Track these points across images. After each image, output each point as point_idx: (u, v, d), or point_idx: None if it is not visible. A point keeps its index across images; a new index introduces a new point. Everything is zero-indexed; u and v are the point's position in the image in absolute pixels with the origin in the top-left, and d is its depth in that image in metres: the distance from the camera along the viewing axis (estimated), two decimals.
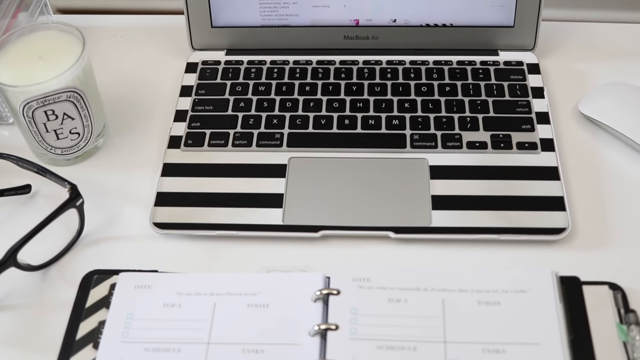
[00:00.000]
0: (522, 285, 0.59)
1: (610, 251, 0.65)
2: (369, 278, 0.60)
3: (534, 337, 0.57)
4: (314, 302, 0.59)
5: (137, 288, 0.62)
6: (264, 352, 0.57)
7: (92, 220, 0.68)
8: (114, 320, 0.60)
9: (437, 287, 0.59)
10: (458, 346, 0.56)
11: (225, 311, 0.60)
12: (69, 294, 0.63)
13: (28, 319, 0.62)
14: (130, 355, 0.58)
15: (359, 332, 0.57)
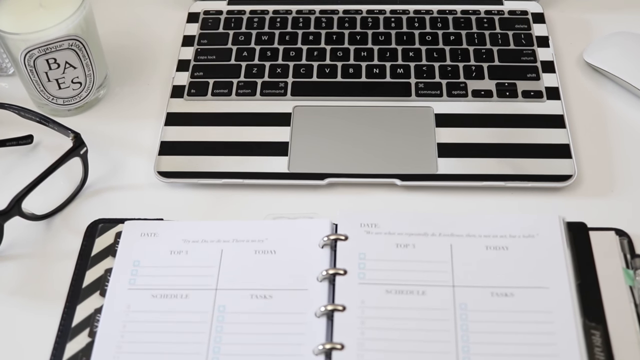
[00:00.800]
0: (530, 231, 0.59)
1: (616, 198, 0.65)
2: (376, 224, 0.60)
3: (542, 281, 0.57)
4: (322, 248, 0.59)
5: (143, 236, 0.61)
6: (272, 297, 0.57)
7: (96, 171, 0.68)
8: (121, 267, 0.60)
9: (445, 233, 0.59)
10: (467, 290, 0.56)
11: (233, 258, 0.59)
12: (74, 243, 0.63)
13: (34, 268, 0.62)
14: (138, 301, 0.58)
15: (367, 277, 0.57)
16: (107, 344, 0.56)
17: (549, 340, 0.54)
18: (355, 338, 0.54)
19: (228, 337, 0.55)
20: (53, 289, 0.61)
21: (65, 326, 0.58)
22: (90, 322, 0.58)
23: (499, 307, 0.55)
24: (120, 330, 0.56)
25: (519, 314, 0.55)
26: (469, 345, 0.54)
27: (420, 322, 0.55)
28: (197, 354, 0.55)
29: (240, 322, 0.56)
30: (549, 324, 0.55)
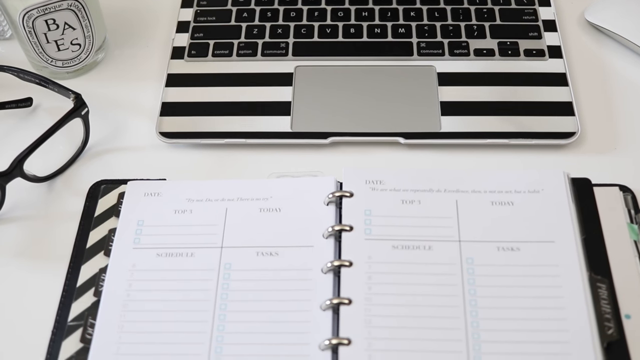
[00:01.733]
0: (535, 186, 0.59)
1: (619, 155, 0.65)
2: (381, 180, 0.60)
3: (548, 236, 0.57)
4: (327, 206, 0.59)
5: (147, 196, 0.61)
6: (278, 254, 0.57)
7: (97, 133, 0.67)
8: (125, 227, 0.59)
9: (450, 189, 0.59)
10: (473, 245, 0.56)
11: (238, 216, 0.59)
12: (77, 204, 0.63)
13: (37, 230, 0.62)
14: (143, 260, 0.58)
15: (373, 233, 0.57)
16: (113, 302, 0.56)
17: (555, 293, 0.54)
18: (363, 293, 0.54)
19: (235, 294, 0.55)
20: (57, 250, 0.60)
21: (70, 286, 0.58)
22: (95, 281, 0.58)
23: (506, 261, 0.55)
24: (126, 289, 0.56)
25: (525, 267, 0.55)
26: (476, 299, 0.54)
27: (427, 276, 0.55)
28: (204, 311, 0.55)
29: (247, 279, 0.56)
30: (556, 277, 0.55)
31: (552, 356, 0.51)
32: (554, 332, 0.52)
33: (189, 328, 0.54)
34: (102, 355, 0.53)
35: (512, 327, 0.53)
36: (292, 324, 0.54)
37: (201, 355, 0.53)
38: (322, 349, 0.52)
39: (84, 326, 0.55)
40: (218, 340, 0.53)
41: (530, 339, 0.52)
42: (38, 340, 0.56)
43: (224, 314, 0.54)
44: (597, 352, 0.52)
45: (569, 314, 0.53)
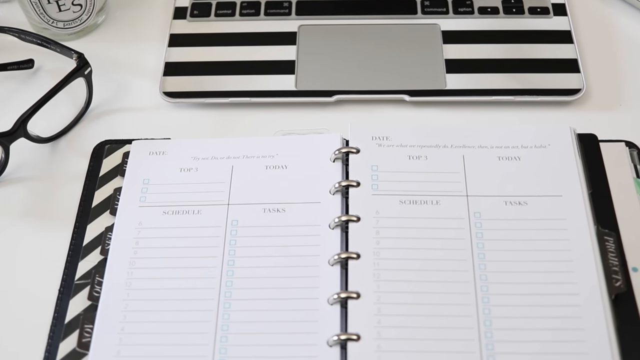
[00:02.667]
0: (542, 141, 0.59)
1: (624, 111, 0.65)
2: (387, 136, 0.59)
3: (555, 190, 0.57)
4: (333, 162, 0.59)
5: (152, 154, 0.61)
6: (285, 211, 0.57)
7: (99, 94, 0.66)
8: (130, 186, 0.59)
9: (456, 144, 0.59)
10: (481, 199, 0.56)
11: (244, 173, 0.59)
12: (81, 165, 0.62)
13: (42, 190, 0.62)
14: (149, 218, 0.57)
15: (380, 188, 0.57)
16: (120, 260, 0.55)
17: (563, 246, 0.54)
18: (371, 247, 0.54)
19: (242, 250, 0.55)
20: (62, 211, 0.60)
21: (77, 245, 0.58)
22: (101, 240, 0.57)
23: (513, 215, 0.55)
24: (133, 247, 0.56)
25: (533, 221, 0.55)
26: (485, 253, 0.54)
27: (435, 230, 0.55)
28: (211, 267, 0.55)
29: (254, 235, 0.56)
30: (563, 230, 0.55)
31: (560, 308, 0.51)
32: (562, 285, 0.52)
33: (197, 284, 0.54)
34: (111, 311, 0.53)
35: (520, 280, 0.53)
36: (300, 279, 0.54)
37: (210, 311, 0.53)
38: (331, 304, 0.52)
39: (91, 284, 0.55)
40: (226, 295, 0.53)
41: (539, 291, 0.52)
42: (46, 299, 0.56)
43: (232, 269, 0.54)
44: (606, 303, 0.52)
45: (577, 266, 0.53)
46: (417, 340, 0.50)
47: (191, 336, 0.52)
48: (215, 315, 0.53)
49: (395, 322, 0.51)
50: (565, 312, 0.51)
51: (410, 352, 0.50)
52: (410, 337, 0.51)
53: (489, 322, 0.51)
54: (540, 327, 0.51)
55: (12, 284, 0.57)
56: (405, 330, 0.51)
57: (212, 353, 0.51)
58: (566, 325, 0.51)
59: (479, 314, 0.51)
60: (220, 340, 0.52)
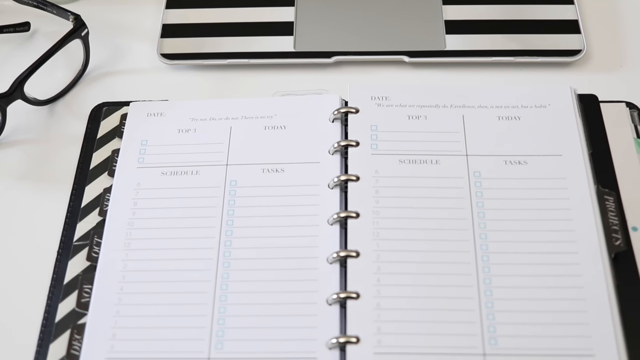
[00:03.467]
0: (542, 101, 0.59)
1: (625, 72, 0.64)
2: (387, 96, 0.59)
3: (555, 149, 0.56)
4: (332, 123, 0.59)
5: (150, 116, 0.60)
6: (284, 171, 0.57)
7: (96, 56, 0.66)
8: (128, 147, 0.59)
9: (456, 104, 0.59)
10: (480, 159, 0.56)
11: (242, 134, 0.59)
12: (79, 127, 0.62)
13: (39, 153, 0.61)
14: (148, 179, 0.57)
15: (380, 148, 0.56)
16: (119, 221, 0.55)
17: (563, 205, 0.54)
18: (370, 207, 0.54)
19: (241, 211, 0.55)
20: (60, 173, 0.60)
21: (75, 207, 0.58)
22: (100, 201, 0.57)
23: (513, 174, 0.55)
24: (131, 208, 0.56)
25: (533, 180, 0.55)
26: (484, 212, 0.54)
27: (435, 190, 0.55)
28: (210, 227, 0.54)
29: (253, 195, 0.56)
30: (563, 189, 0.54)
31: (560, 266, 0.51)
32: (562, 244, 0.52)
33: (196, 244, 0.54)
34: (109, 272, 0.53)
35: (520, 239, 0.53)
36: (299, 239, 0.53)
37: (209, 270, 0.53)
38: (330, 262, 0.52)
39: (89, 245, 0.55)
40: (225, 255, 0.53)
41: (538, 250, 0.52)
42: (45, 260, 0.55)
43: (231, 229, 0.54)
44: (605, 262, 0.52)
45: (577, 225, 0.53)
46: (416, 298, 0.50)
47: (190, 295, 0.52)
48: (214, 275, 0.52)
49: (395, 281, 0.51)
50: (565, 271, 0.51)
51: (410, 309, 0.50)
52: (410, 295, 0.50)
53: (489, 280, 0.51)
54: (540, 285, 0.51)
55: (10, 246, 0.57)
56: (404, 289, 0.51)
57: (211, 312, 0.51)
58: (566, 284, 0.51)
59: (478, 273, 0.51)
60: (220, 299, 0.52)
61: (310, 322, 0.50)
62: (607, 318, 0.49)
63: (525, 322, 0.49)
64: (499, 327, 0.49)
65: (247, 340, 0.50)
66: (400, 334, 0.49)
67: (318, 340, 0.50)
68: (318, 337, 0.50)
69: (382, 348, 0.49)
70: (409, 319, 0.50)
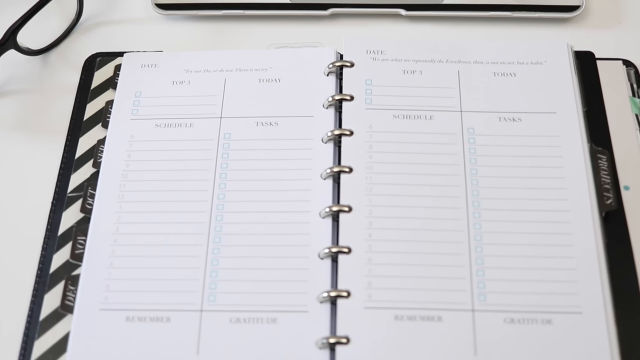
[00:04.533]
0: (538, 58, 0.58)
1: (623, 29, 0.64)
2: (382, 50, 0.59)
3: (550, 107, 0.56)
4: (327, 76, 0.58)
5: (144, 67, 0.60)
6: (278, 124, 0.57)
7: (90, 6, 0.65)
8: (122, 98, 0.59)
9: (452, 59, 0.58)
10: (474, 115, 0.56)
11: (236, 86, 0.58)
12: (72, 78, 0.62)
13: (33, 103, 0.61)
14: (141, 131, 0.57)
15: (374, 102, 0.56)
16: (113, 172, 0.55)
17: (556, 164, 0.54)
18: (364, 162, 0.54)
19: (235, 164, 0.55)
20: (54, 124, 0.60)
21: (69, 158, 0.58)
22: (93, 153, 0.57)
23: (507, 131, 0.55)
24: (125, 160, 0.56)
25: (527, 137, 0.55)
26: (477, 168, 0.54)
27: (429, 145, 0.55)
28: (204, 181, 0.54)
29: (247, 148, 0.56)
30: (557, 147, 0.55)
31: (550, 224, 0.52)
32: (553, 202, 0.52)
33: (189, 197, 0.54)
34: (103, 223, 0.53)
35: (511, 196, 0.53)
36: (292, 192, 0.54)
37: (202, 223, 0.53)
38: (323, 217, 0.53)
39: (83, 197, 0.55)
40: (218, 208, 0.53)
41: (530, 207, 0.52)
42: (39, 211, 0.56)
43: (224, 182, 0.54)
44: (596, 220, 0.52)
45: (569, 183, 0.53)
46: (407, 254, 0.51)
47: (184, 248, 0.52)
48: (207, 228, 0.53)
49: (386, 236, 0.51)
50: (556, 229, 0.51)
51: (400, 265, 0.50)
52: (401, 250, 0.51)
53: (480, 237, 0.51)
54: (530, 242, 0.51)
55: (4, 197, 0.57)
56: (396, 244, 0.51)
57: (204, 264, 0.52)
58: (556, 242, 0.51)
59: (470, 229, 0.52)
60: (213, 252, 0.52)
61: (302, 276, 0.51)
62: (596, 276, 0.50)
63: (515, 279, 0.50)
64: (488, 283, 0.50)
65: (239, 293, 0.51)
66: (390, 288, 0.50)
67: (309, 293, 0.50)
68: (309, 291, 0.50)
69: (372, 302, 0.49)
70: (400, 274, 0.50)
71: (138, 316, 0.50)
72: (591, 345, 0.48)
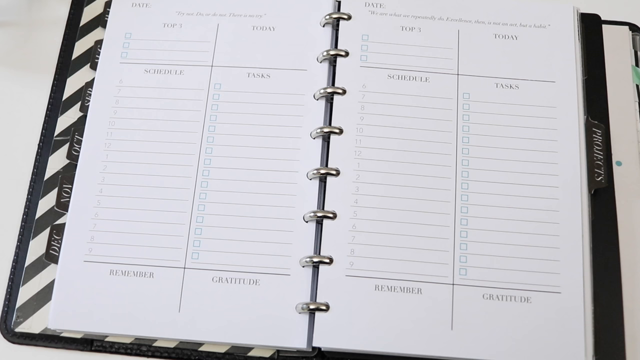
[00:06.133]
0: (542, 20, 0.56)
1: None
2: (382, 3, 0.56)
3: (549, 75, 0.55)
4: (323, 27, 0.56)
5: (135, 6, 0.58)
6: (269, 77, 0.55)
7: None
8: (112, 39, 0.57)
9: (453, 17, 0.56)
10: (471, 79, 0.54)
11: (229, 33, 0.57)
12: (61, 10, 0.60)
13: (20, 36, 0.59)
14: (130, 76, 0.56)
15: (369, 60, 0.55)
16: (100, 119, 0.54)
17: (550, 136, 0.53)
18: (354, 123, 0.53)
19: (223, 117, 0.54)
20: (41, 60, 0.58)
21: (56, 99, 0.57)
22: (81, 95, 0.56)
23: (503, 99, 0.54)
24: (113, 106, 0.55)
25: (522, 107, 0.54)
26: (469, 136, 0.53)
27: (422, 110, 0.54)
28: (192, 133, 0.54)
29: (236, 101, 0.55)
30: (552, 119, 0.53)
31: (539, 200, 0.51)
32: (543, 177, 0.52)
33: (177, 149, 0.53)
34: (89, 172, 0.53)
35: (501, 168, 0.52)
36: (280, 151, 0.53)
37: (188, 178, 0.53)
38: (310, 178, 0.52)
39: (70, 142, 0.55)
40: (205, 163, 0.53)
41: (519, 181, 0.52)
42: (25, 153, 0.55)
43: (212, 136, 0.54)
44: (584, 199, 0.51)
45: (561, 158, 0.52)
46: (392, 223, 0.51)
47: (169, 202, 0.52)
48: (193, 183, 0.52)
49: (372, 203, 0.51)
50: (543, 205, 0.51)
51: (384, 234, 0.50)
52: (385, 219, 0.51)
53: (466, 209, 0.51)
54: (516, 218, 0.51)
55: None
56: (381, 212, 0.51)
57: (188, 221, 0.52)
58: (542, 219, 0.51)
59: (456, 201, 0.51)
60: (198, 208, 0.52)
61: (286, 238, 0.51)
62: (578, 257, 0.50)
63: (497, 255, 0.50)
64: (470, 257, 0.50)
65: (222, 253, 0.51)
66: (372, 258, 0.50)
67: (292, 257, 0.51)
68: (293, 254, 0.51)
69: (353, 271, 0.50)
70: (383, 244, 0.50)
71: (122, 270, 0.51)
72: (567, 325, 0.48)
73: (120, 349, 0.50)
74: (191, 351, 0.50)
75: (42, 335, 0.51)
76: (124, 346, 0.50)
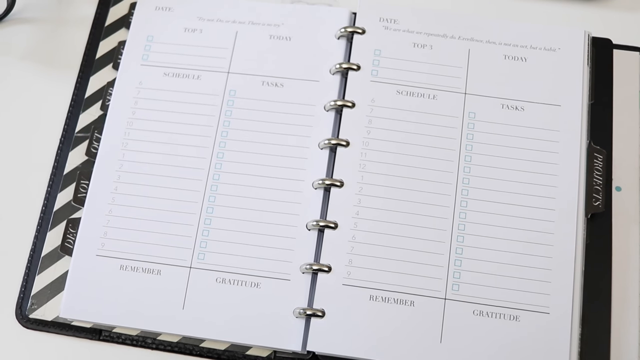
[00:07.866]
0: (552, 44, 0.57)
1: None
2: (396, 19, 0.58)
3: (555, 98, 0.56)
4: (338, 40, 0.58)
5: (158, 10, 0.60)
6: (283, 86, 0.57)
7: None
8: (134, 41, 0.59)
9: (464, 36, 0.58)
10: (478, 99, 0.56)
11: (247, 41, 0.58)
12: (88, 10, 0.62)
13: (47, 33, 0.62)
14: (150, 78, 0.58)
15: (380, 75, 0.56)
16: (118, 119, 0.57)
17: (551, 160, 0.54)
18: (361, 136, 0.55)
19: (236, 123, 0.56)
20: (66, 57, 0.61)
21: (79, 96, 0.59)
22: (102, 94, 0.59)
23: (508, 120, 0.55)
24: (132, 107, 0.57)
25: (526, 129, 0.55)
26: (472, 155, 0.54)
27: (428, 127, 0.55)
28: (205, 137, 0.56)
29: (250, 108, 0.57)
30: (555, 143, 0.55)
31: (535, 222, 0.53)
32: (541, 199, 0.53)
33: (190, 152, 0.56)
34: (106, 170, 0.55)
35: (501, 188, 0.54)
36: (289, 159, 0.55)
37: (199, 181, 0.55)
38: (315, 188, 0.54)
39: (90, 139, 0.57)
40: (216, 167, 0.55)
41: (517, 202, 0.53)
42: (46, 147, 0.58)
43: (224, 141, 0.56)
44: (580, 223, 0.53)
45: (560, 182, 0.54)
46: (391, 236, 0.53)
47: (180, 203, 0.54)
48: (203, 186, 0.55)
49: (373, 216, 0.53)
50: (539, 227, 0.53)
51: (383, 246, 0.52)
52: (385, 231, 0.53)
53: (463, 226, 0.53)
54: (511, 238, 0.52)
55: (14, 126, 0.59)
56: (381, 225, 0.53)
57: (197, 222, 0.54)
58: (537, 240, 0.52)
59: (454, 217, 0.53)
60: (207, 211, 0.54)
61: (288, 245, 0.53)
62: (569, 280, 0.51)
63: (489, 273, 0.52)
64: (464, 274, 0.52)
65: (227, 255, 0.53)
66: (369, 269, 0.52)
67: (293, 263, 0.53)
68: (294, 260, 0.53)
69: (350, 280, 0.52)
70: (380, 256, 0.52)
71: (132, 266, 0.53)
72: (553, 346, 0.50)
73: (127, 340, 0.53)
74: (193, 346, 0.53)
75: (54, 323, 0.54)
76: (130, 338, 0.53)
